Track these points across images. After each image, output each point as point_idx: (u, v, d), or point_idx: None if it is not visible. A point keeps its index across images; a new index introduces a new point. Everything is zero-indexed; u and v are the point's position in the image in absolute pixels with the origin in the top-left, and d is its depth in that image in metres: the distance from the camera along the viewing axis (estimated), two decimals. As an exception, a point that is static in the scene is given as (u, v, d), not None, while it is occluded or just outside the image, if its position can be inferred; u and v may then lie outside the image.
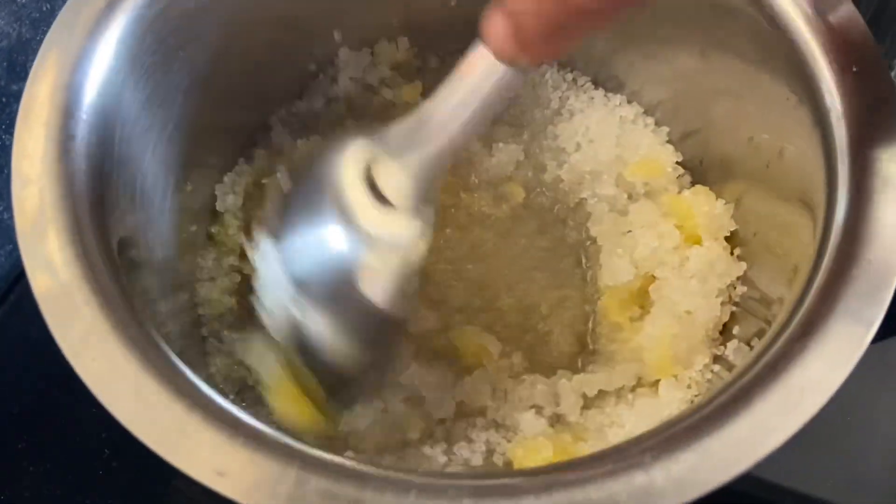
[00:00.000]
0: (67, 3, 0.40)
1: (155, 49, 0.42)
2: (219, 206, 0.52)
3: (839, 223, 0.36)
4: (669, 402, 0.44)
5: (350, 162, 0.38)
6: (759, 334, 0.43)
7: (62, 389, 0.55)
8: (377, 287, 0.38)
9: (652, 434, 0.31)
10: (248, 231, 0.51)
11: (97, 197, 0.37)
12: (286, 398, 0.41)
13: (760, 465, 0.30)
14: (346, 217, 0.37)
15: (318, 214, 0.38)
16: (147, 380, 0.31)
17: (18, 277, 0.60)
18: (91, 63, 0.38)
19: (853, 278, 0.34)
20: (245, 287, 0.49)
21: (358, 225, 0.37)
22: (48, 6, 0.56)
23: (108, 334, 0.32)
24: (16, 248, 0.61)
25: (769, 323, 0.39)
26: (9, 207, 0.58)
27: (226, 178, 0.53)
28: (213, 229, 0.52)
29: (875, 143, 0.37)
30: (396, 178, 0.38)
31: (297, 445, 0.30)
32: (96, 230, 0.35)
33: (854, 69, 0.39)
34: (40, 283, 0.33)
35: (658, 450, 0.30)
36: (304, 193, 0.41)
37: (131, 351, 0.32)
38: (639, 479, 0.29)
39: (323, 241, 0.38)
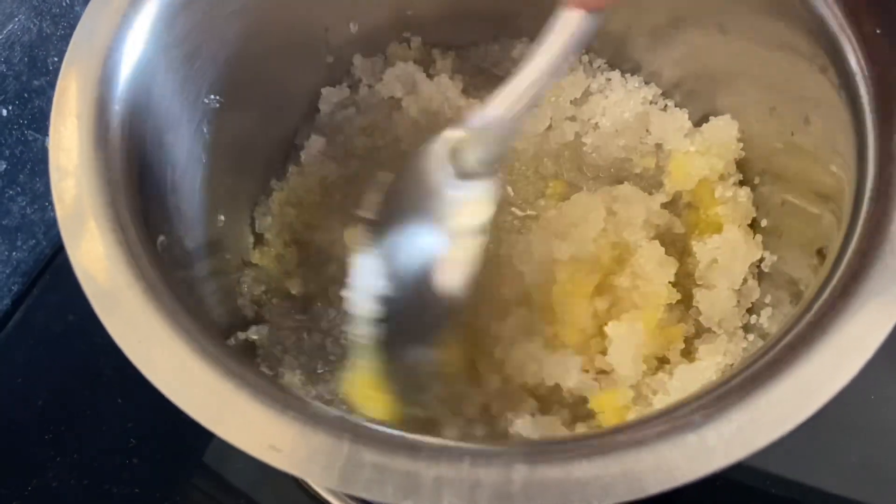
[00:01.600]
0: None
1: (182, 39, 0.42)
2: (258, 229, 0.54)
3: (870, 188, 0.35)
4: (707, 369, 0.44)
5: (435, 151, 0.42)
6: (793, 301, 0.43)
7: (86, 382, 0.56)
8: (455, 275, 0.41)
9: (700, 395, 0.31)
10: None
11: (134, 186, 0.37)
12: (364, 387, 0.43)
13: (770, 459, 0.30)
14: (433, 207, 0.42)
15: (409, 208, 0.43)
16: (195, 361, 0.31)
17: (42, 272, 0.61)
18: (122, 54, 0.39)
19: (887, 243, 0.33)
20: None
21: (442, 214, 0.41)
22: (68, 1, 0.57)
23: (153, 318, 0.32)
24: (39, 243, 0.62)
25: (799, 295, 0.40)
26: (32, 202, 0.60)
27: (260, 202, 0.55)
28: (255, 252, 0.54)
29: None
30: (479, 150, 0.41)
31: (349, 418, 0.30)
32: (135, 220, 0.36)
33: (878, 31, 0.38)
34: (84, 270, 0.33)
35: (708, 410, 0.30)
36: (398, 189, 0.44)
37: (178, 333, 0.32)
38: (690, 439, 0.29)
39: (414, 232, 0.42)
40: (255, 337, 0.50)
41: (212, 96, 0.46)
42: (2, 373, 0.57)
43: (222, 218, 0.50)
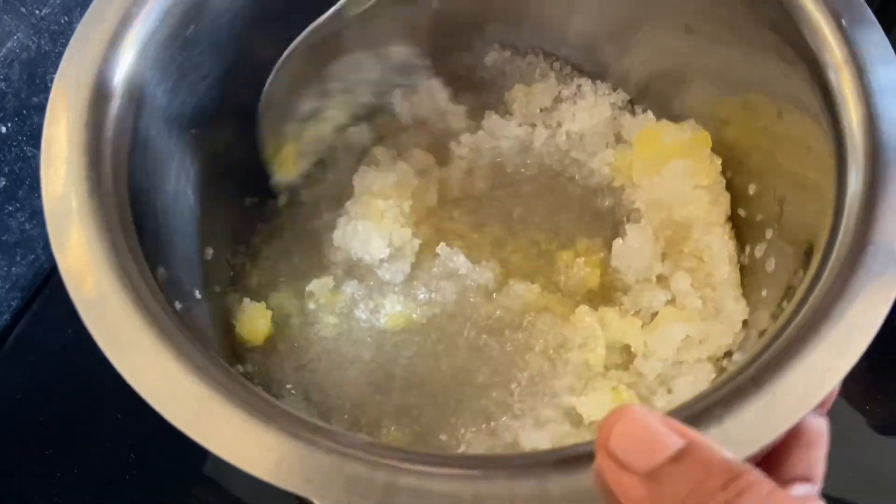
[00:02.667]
0: (87, 14, 0.40)
1: (165, 71, 0.42)
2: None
3: (854, 175, 0.36)
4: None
5: None
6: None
7: (87, 396, 0.57)
8: None
9: (716, 389, 0.32)
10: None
11: (124, 203, 0.37)
12: None
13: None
14: None
15: None
16: (203, 389, 0.31)
17: (41, 287, 0.62)
18: (116, 64, 0.39)
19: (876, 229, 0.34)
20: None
21: None
22: (66, 18, 0.57)
23: (144, 334, 0.32)
24: (38, 258, 0.62)
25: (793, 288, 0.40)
26: (31, 218, 0.60)
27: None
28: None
29: (876, 90, 0.38)
30: None
31: (380, 445, 0.30)
32: (128, 242, 0.35)
33: (843, 21, 0.39)
34: (74, 284, 0.33)
35: (726, 403, 0.30)
36: None
37: (171, 350, 0.32)
38: (714, 432, 0.30)
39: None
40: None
41: (193, 130, 0.46)
42: (1, 388, 0.57)
43: (210, 251, 0.50)
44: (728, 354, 0.48)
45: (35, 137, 0.57)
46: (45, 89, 0.57)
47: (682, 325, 0.48)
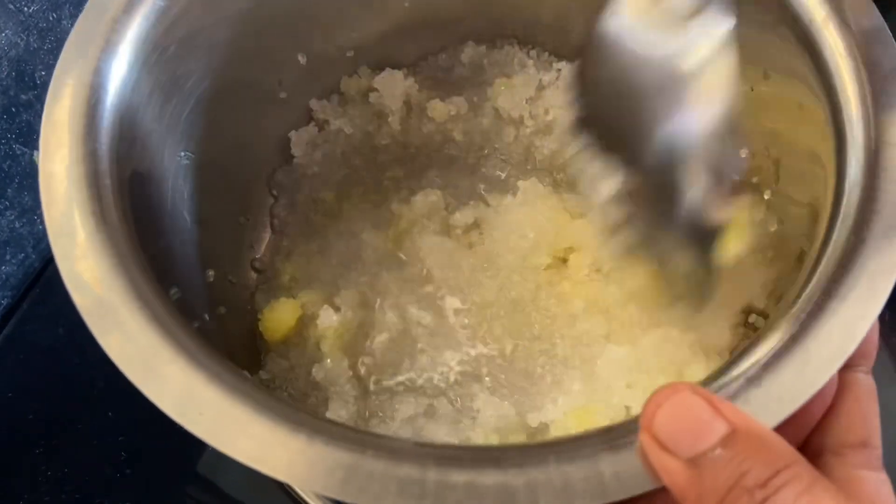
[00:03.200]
0: (82, 15, 0.39)
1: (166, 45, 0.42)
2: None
3: (853, 133, 0.36)
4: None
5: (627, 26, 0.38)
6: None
7: (77, 395, 0.57)
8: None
9: (750, 350, 0.32)
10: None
11: (131, 232, 0.36)
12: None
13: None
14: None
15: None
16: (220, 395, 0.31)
17: (31, 286, 0.61)
18: (110, 68, 0.38)
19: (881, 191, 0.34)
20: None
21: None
22: (54, 15, 0.57)
23: (151, 336, 0.32)
24: (28, 257, 0.61)
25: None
26: (20, 216, 0.59)
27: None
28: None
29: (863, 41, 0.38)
30: None
31: (426, 444, 0.30)
32: (140, 269, 0.35)
33: None
34: (93, 320, 0.32)
35: (763, 364, 0.31)
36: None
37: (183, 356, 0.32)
38: (755, 394, 0.30)
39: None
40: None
41: (182, 153, 0.45)
42: (-7, 385, 0.56)
43: (211, 273, 0.49)
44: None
45: (24, 135, 0.57)
46: (34, 86, 0.57)
47: None
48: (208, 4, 0.43)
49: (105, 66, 0.37)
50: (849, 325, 0.31)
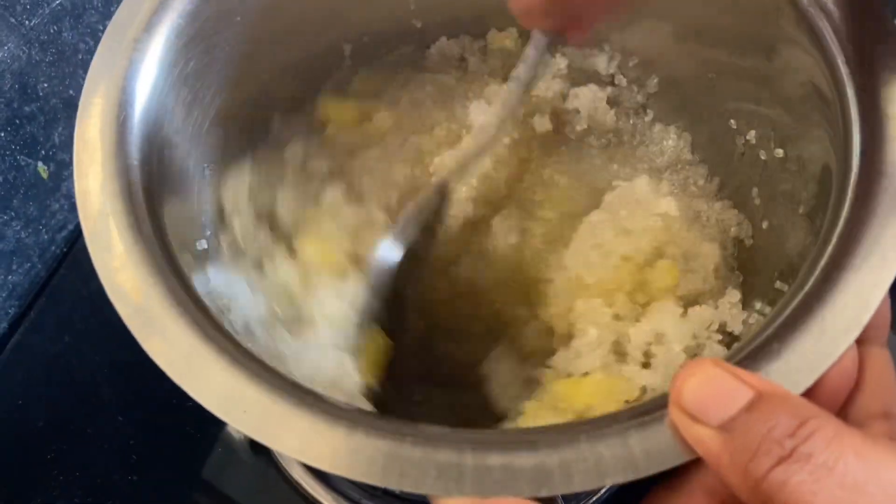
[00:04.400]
0: (104, 36, 0.40)
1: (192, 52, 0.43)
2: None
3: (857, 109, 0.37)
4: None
5: None
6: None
7: (86, 401, 0.58)
8: None
9: (768, 324, 0.33)
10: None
11: (167, 243, 0.37)
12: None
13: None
14: None
15: None
16: (262, 392, 0.32)
17: (38, 295, 0.62)
18: (135, 86, 0.40)
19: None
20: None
21: None
22: (55, 28, 0.58)
23: (192, 339, 0.33)
24: (34, 266, 0.62)
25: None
26: (26, 227, 0.60)
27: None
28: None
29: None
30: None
31: (458, 431, 0.31)
32: (163, 249, 0.36)
33: None
34: (117, 298, 0.34)
35: (781, 337, 0.32)
36: None
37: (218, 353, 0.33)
38: (775, 367, 0.31)
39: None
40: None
41: (205, 165, 0.47)
42: (2, 395, 0.57)
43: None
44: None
45: (28, 146, 0.58)
46: (37, 98, 0.58)
47: None
48: (224, 21, 0.45)
49: (130, 84, 0.39)
50: (862, 294, 0.32)
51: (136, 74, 0.39)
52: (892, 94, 0.37)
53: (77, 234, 0.64)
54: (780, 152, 0.47)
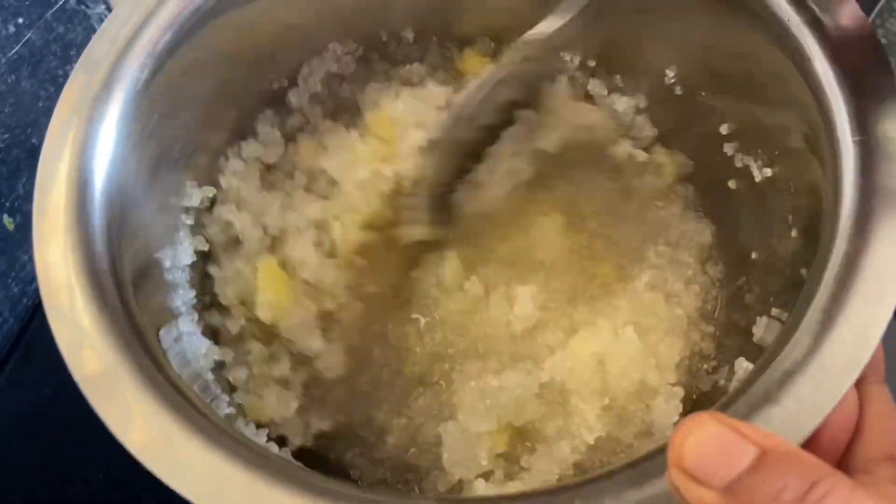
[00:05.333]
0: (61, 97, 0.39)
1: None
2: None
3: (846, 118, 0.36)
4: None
5: None
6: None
7: (71, 455, 0.56)
8: None
9: (762, 369, 0.32)
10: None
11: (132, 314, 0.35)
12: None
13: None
14: None
15: None
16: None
17: (11, 350, 0.61)
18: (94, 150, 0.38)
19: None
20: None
21: None
22: (13, 77, 0.57)
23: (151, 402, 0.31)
24: (6, 321, 0.61)
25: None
26: (-3, 280, 0.58)
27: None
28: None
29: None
30: None
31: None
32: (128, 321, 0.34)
33: None
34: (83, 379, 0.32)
35: (779, 382, 0.31)
36: None
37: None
38: (776, 412, 0.30)
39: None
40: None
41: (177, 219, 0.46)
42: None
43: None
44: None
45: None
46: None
47: None
48: (191, 71, 0.43)
49: (89, 149, 0.37)
50: (861, 330, 0.31)
51: (95, 137, 0.37)
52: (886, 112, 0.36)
53: (48, 284, 0.62)
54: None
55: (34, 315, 0.62)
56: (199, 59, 0.44)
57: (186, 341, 0.42)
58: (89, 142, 0.37)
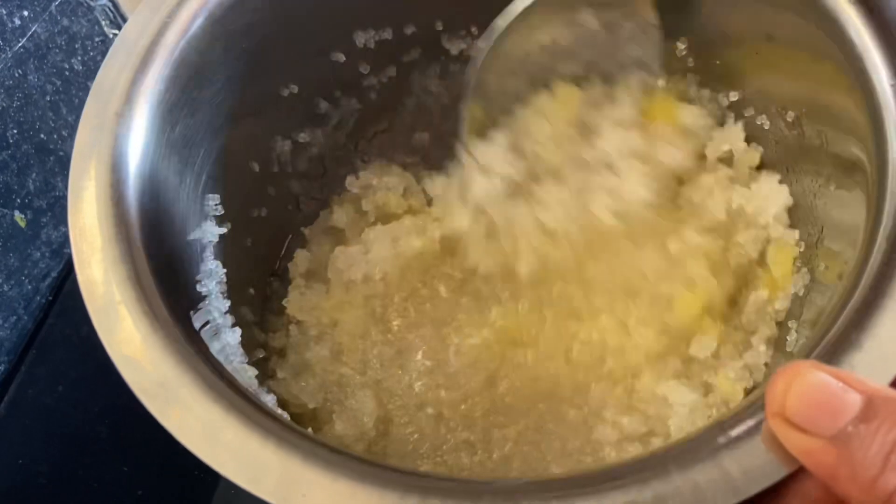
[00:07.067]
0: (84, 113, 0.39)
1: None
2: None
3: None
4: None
5: None
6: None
7: (86, 451, 0.56)
8: None
9: (838, 312, 0.31)
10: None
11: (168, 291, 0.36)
12: None
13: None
14: None
15: None
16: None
17: (27, 347, 0.60)
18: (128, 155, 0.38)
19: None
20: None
21: None
22: (20, 71, 0.55)
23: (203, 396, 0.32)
24: (20, 319, 0.60)
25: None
26: (7, 279, 0.58)
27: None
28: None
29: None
30: None
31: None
32: (179, 326, 0.35)
33: None
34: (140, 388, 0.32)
35: (858, 324, 0.30)
36: None
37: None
38: (859, 358, 0.29)
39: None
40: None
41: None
42: (1, 456, 0.55)
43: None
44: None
45: (2, 196, 0.56)
46: (8, 146, 0.55)
47: None
48: (206, 79, 0.43)
49: (120, 160, 0.37)
50: None
51: (125, 148, 0.37)
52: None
53: (61, 280, 0.62)
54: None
55: (48, 312, 0.61)
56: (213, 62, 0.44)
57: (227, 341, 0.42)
58: (118, 155, 0.37)
